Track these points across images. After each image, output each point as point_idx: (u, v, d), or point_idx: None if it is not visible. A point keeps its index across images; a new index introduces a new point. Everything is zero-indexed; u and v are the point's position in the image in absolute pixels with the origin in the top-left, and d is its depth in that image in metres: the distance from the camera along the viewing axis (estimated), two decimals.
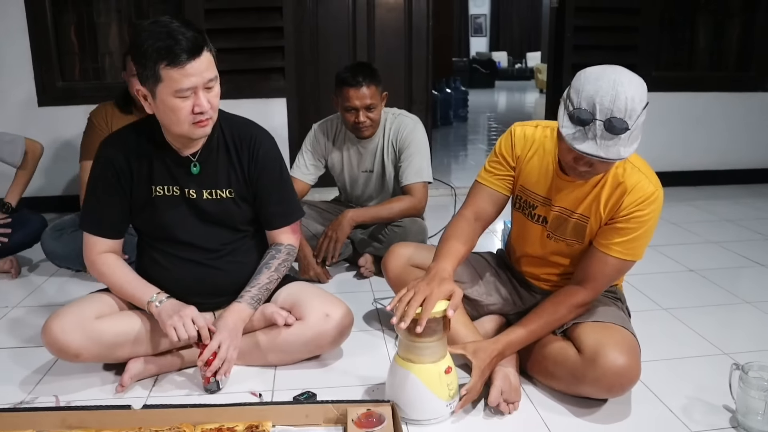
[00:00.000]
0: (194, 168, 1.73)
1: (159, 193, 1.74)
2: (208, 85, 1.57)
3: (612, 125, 1.36)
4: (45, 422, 1.47)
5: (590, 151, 1.39)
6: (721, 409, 1.59)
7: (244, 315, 1.73)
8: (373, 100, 2.44)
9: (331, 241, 2.46)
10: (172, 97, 1.55)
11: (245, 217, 1.82)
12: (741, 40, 4.29)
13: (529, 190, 1.72)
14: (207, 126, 1.63)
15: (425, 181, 2.55)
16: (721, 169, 4.32)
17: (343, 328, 1.80)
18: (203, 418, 1.47)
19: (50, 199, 3.60)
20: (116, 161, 1.71)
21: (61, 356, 1.67)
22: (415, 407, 1.53)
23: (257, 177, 1.78)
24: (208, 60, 1.56)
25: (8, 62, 3.54)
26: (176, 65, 1.51)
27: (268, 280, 1.79)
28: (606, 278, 1.66)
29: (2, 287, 2.53)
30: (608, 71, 1.41)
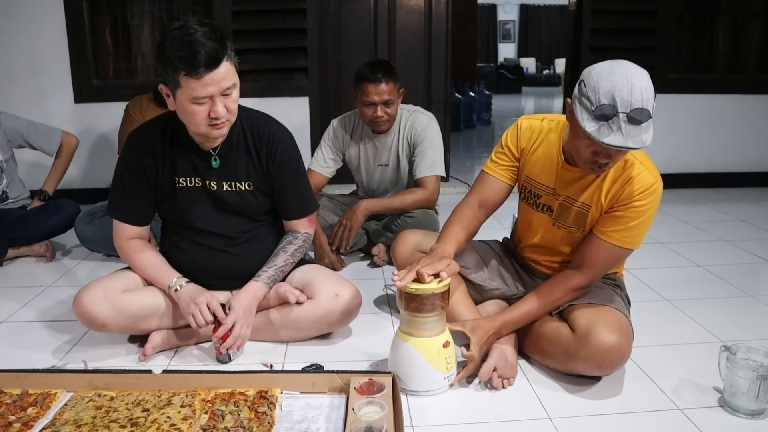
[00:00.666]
0: (215, 162, 1.83)
1: (182, 184, 1.85)
2: (225, 92, 1.65)
3: (634, 116, 1.43)
4: (74, 383, 1.61)
5: (617, 143, 1.45)
6: (710, 390, 1.65)
7: (260, 293, 1.85)
8: (391, 95, 2.55)
9: (345, 229, 2.56)
10: (189, 103, 1.64)
11: (263, 208, 1.93)
12: (761, 42, 4.28)
13: (534, 180, 1.80)
14: (224, 128, 1.72)
15: (438, 175, 2.64)
16: (740, 171, 4.31)
17: (351, 308, 1.90)
18: (217, 384, 1.59)
19: (86, 191, 3.78)
20: (142, 155, 1.82)
21: (90, 326, 1.80)
22: (415, 378, 1.62)
23: (275, 172, 1.88)
24: (226, 70, 1.63)
25: (47, 61, 3.75)
26: (194, 76, 1.59)
27: (284, 263, 1.91)
28: (602, 264, 1.73)
29: (38, 269, 2.70)
30: (616, 66, 1.48)
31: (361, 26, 4.03)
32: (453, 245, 1.73)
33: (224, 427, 1.42)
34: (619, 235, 1.67)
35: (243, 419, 1.44)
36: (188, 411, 1.47)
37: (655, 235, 3.14)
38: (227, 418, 1.45)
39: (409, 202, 2.60)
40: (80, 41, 3.76)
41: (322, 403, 1.56)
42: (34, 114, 3.75)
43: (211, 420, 1.44)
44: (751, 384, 1.51)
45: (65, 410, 1.49)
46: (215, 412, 1.47)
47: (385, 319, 2.15)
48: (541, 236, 1.86)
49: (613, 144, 1.45)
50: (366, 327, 2.06)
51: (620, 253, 1.71)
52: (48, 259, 2.77)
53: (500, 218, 1.95)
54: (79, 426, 1.42)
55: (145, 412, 1.47)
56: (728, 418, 1.53)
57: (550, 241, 1.85)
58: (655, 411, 1.57)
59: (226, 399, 1.53)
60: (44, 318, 2.17)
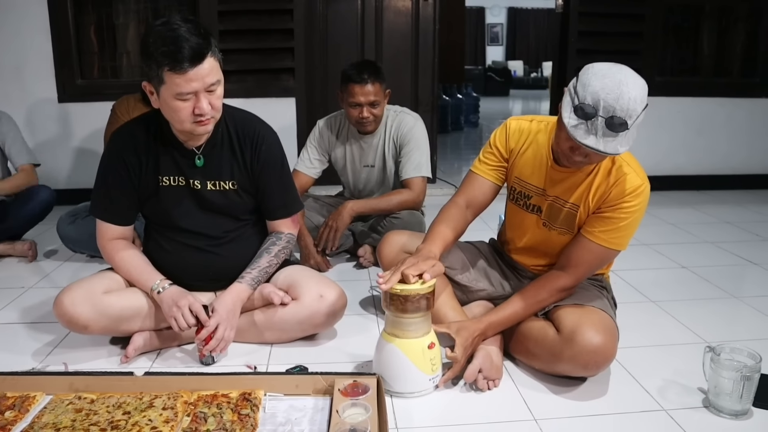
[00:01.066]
0: (198, 160, 1.81)
1: (165, 183, 1.82)
2: (209, 88, 1.64)
3: (613, 123, 1.44)
4: (54, 386, 1.58)
5: (590, 144, 1.46)
6: (695, 391, 1.66)
7: (243, 295, 1.83)
8: (377, 96, 2.54)
9: (331, 230, 2.55)
10: (173, 99, 1.62)
11: (247, 207, 1.91)
12: (746, 46, 4.32)
13: (524, 181, 1.80)
14: (208, 125, 1.71)
15: (424, 176, 2.63)
16: (724, 174, 4.35)
17: (336, 309, 1.88)
18: (200, 386, 1.57)
19: (70, 192, 3.73)
20: (125, 154, 1.79)
21: (71, 327, 1.77)
22: (400, 380, 1.61)
23: (260, 171, 1.86)
24: (210, 65, 1.62)
25: (31, 60, 3.70)
26: (178, 71, 1.57)
27: (268, 264, 1.89)
28: (588, 265, 1.73)
29: (20, 270, 2.66)
30: (614, 70, 1.47)
31: (348, 27, 4.02)
32: (439, 246, 1.72)
33: (206, 429, 1.40)
34: (605, 235, 1.67)
35: (226, 421, 1.42)
36: (170, 413, 1.45)
37: (641, 236, 3.16)
38: (210, 421, 1.43)
39: (395, 203, 2.59)
40: (64, 40, 3.72)
41: (306, 405, 1.55)
42: (17, 113, 3.72)
43: (194, 422, 1.42)
44: (735, 384, 1.51)
45: (44, 413, 1.46)
46: (197, 414, 1.45)
47: (371, 320, 2.14)
48: (529, 237, 1.85)
49: (584, 143, 1.47)
50: (351, 328, 2.05)
51: (606, 254, 1.71)
52: (30, 258, 2.74)
53: (486, 219, 1.94)
54: (59, 429, 1.39)
55: (126, 415, 1.45)
56: (712, 419, 1.53)
57: (538, 242, 1.84)
58: (640, 412, 1.57)
59: (208, 401, 1.51)
60: (25, 320, 2.14)
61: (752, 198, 4.10)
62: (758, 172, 4.38)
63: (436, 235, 1.76)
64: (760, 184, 4.36)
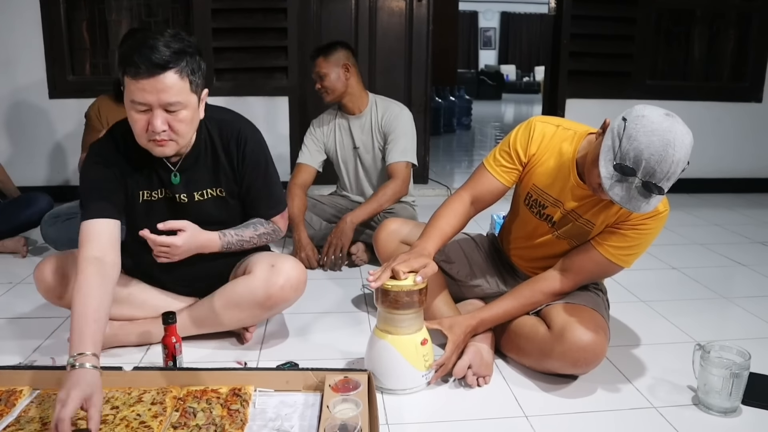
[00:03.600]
0: (174, 178, 1.72)
1: (152, 197, 1.75)
2: (168, 107, 1.52)
3: (649, 186, 1.38)
4: (41, 380, 1.56)
5: (618, 200, 1.41)
6: (684, 389, 1.66)
7: (212, 243, 1.71)
8: (322, 69, 2.67)
9: (336, 248, 2.56)
10: (129, 106, 1.53)
11: (234, 212, 1.84)
12: (736, 51, 4.36)
13: (541, 189, 1.72)
14: (165, 147, 1.57)
15: (408, 161, 2.68)
16: (713, 177, 4.38)
17: (290, 279, 1.77)
18: (189, 381, 1.56)
19: (58, 188, 3.72)
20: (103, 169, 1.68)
21: (46, 296, 1.78)
22: (392, 377, 1.61)
23: (245, 173, 1.78)
24: (171, 82, 1.49)
25: (22, 56, 3.68)
26: (133, 77, 1.48)
27: (249, 237, 1.80)
28: (589, 274, 1.72)
29: (9, 266, 2.64)
30: (665, 126, 1.38)
31: (341, 27, 4.02)
32: (435, 243, 1.69)
33: (195, 424, 1.39)
34: (615, 251, 1.66)
35: (215, 416, 1.41)
36: (159, 408, 1.43)
37: None
38: (199, 416, 1.42)
39: (387, 198, 2.63)
40: (56, 36, 3.70)
41: (297, 400, 1.54)
42: (7, 109, 3.71)
43: (182, 417, 1.41)
44: (724, 382, 1.52)
45: (31, 408, 1.45)
46: (186, 409, 1.44)
47: (362, 317, 2.14)
48: (536, 243, 1.82)
49: (615, 199, 1.42)
50: (343, 325, 2.05)
51: (610, 268, 1.70)
52: (22, 255, 2.73)
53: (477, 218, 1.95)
54: (45, 423, 1.38)
55: (115, 410, 1.43)
56: (702, 416, 1.54)
57: (544, 248, 1.81)
58: (630, 409, 1.57)
59: (198, 396, 1.50)
60: (12, 315, 2.12)
61: (740, 201, 4.13)
62: (746, 176, 4.42)
63: (434, 231, 1.71)
64: (748, 188, 4.40)
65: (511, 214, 1.92)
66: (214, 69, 3.77)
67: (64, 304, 1.79)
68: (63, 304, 1.79)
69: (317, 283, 2.45)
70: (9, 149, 3.77)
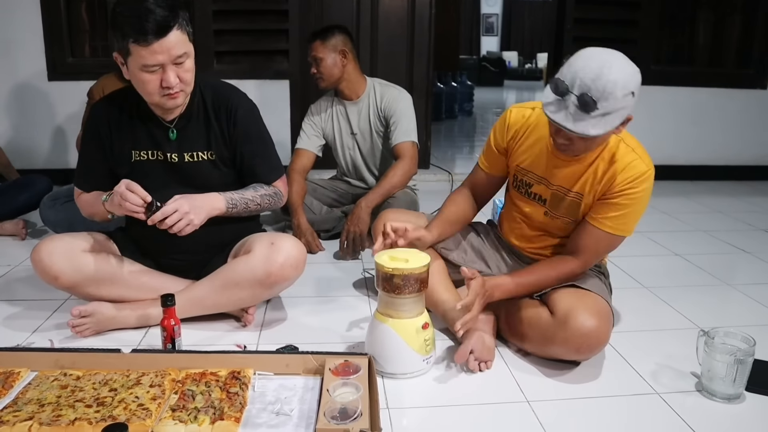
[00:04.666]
0: (171, 134, 1.79)
1: (142, 157, 1.80)
2: (176, 61, 1.62)
3: (584, 101, 1.41)
4: (39, 362, 1.55)
5: (559, 120, 1.45)
6: (688, 375, 1.65)
7: (217, 203, 1.75)
8: (318, 53, 2.63)
9: (354, 235, 2.51)
10: (139, 71, 1.62)
11: (226, 180, 1.85)
12: (741, 37, 4.31)
13: (525, 169, 1.77)
14: (178, 98, 1.69)
15: (413, 141, 2.66)
16: (717, 164, 4.35)
17: (289, 257, 1.77)
18: (188, 364, 1.54)
19: (58, 171, 3.68)
20: (101, 126, 1.80)
21: (43, 276, 1.77)
22: (393, 361, 1.59)
23: (236, 138, 1.82)
24: (176, 38, 1.60)
25: (21, 38, 3.64)
26: (142, 43, 1.56)
27: (251, 197, 1.82)
28: (596, 251, 1.71)
29: (7, 248, 2.62)
30: (604, 54, 1.45)
31: (343, 10, 3.97)
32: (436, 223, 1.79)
33: (194, 407, 1.37)
34: (611, 222, 1.65)
35: (214, 399, 1.40)
36: (157, 391, 1.42)
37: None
38: (198, 398, 1.40)
39: (398, 179, 2.59)
40: (55, 17, 3.65)
41: (296, 384, 1.53)
42: (6, 91, 3.67)
43: (181, 400, 1.40)
44: (728, 368, 1.50)
45: (28, 389, 1.44)
46: (185, 392, 1.42)
47: (363, 302, 2.12)
48: (531, 226, 1.84)
49: (553, 119, 1.46)
50: (344, 309, 2.03)
51: (613, 240, 1.69)
52: (22, 237, 2.72)
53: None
54: (42, 405, 1.36)
55: (113, 392, 1.42)
56: (705, 402, 1.53)
57: (540, 230, 1.82)
58: (633, 395, 1.56)
59: (197, 379, 1.48)
60: (11, 297, 2.10)
61: (744, 189, 4.11)
62: (750, 163, 4.39)
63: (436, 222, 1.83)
64: (752, 175, 4.37)
65: (506, 202, 1.97)
66: (215, 52, 3.73)
67: (61, 285, 1.79)
68: (59, 285, 1.79)
69: (318, 266, 2.44)
70: (8, 132, 3.74)
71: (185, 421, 1.32)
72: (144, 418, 1.32)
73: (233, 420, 1.33)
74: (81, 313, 1.77)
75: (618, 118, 1.45)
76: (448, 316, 1.79)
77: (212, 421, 1.32)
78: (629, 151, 1.63)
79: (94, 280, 1.80)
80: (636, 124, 1.47)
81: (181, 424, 1.31)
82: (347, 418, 1.31)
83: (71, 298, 2.04)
